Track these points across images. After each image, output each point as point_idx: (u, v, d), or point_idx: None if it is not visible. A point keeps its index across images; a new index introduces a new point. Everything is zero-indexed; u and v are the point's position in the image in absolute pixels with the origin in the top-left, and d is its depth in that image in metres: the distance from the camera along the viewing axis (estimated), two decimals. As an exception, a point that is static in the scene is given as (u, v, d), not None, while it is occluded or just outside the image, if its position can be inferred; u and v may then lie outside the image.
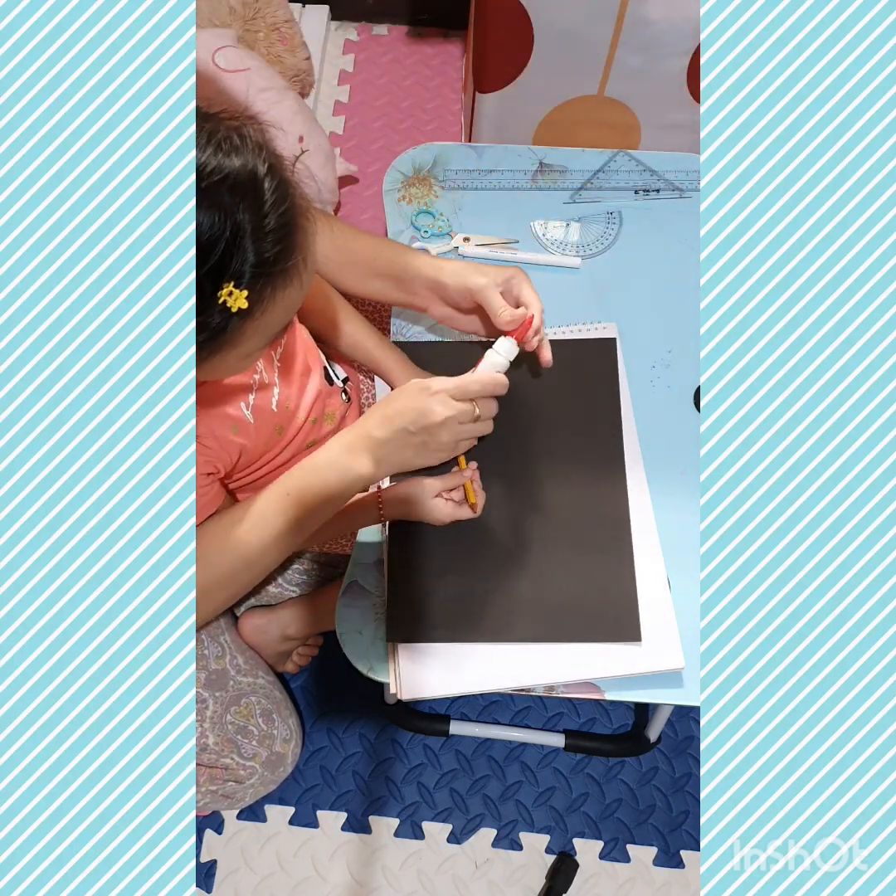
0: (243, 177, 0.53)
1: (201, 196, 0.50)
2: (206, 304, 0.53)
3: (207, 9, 1.47)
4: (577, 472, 0.82)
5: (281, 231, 0.55)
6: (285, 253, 0.56)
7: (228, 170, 0.52)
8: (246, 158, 0.53)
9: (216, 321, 0.54)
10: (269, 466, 0.83)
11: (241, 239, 0.53)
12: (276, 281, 0.57)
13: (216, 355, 0.58)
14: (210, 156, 0.52)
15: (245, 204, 0.53)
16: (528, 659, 0.76)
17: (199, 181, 0.50)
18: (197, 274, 0.50)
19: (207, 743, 1.00)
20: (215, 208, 0.51)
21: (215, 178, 0.51)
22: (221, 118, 0.55)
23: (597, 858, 1.20)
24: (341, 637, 0.79)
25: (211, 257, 0.52)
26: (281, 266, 0.56)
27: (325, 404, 0.87)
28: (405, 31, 1.82)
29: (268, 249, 0.54)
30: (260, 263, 0.54)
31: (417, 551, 0.79)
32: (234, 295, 0.54)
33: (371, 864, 1.19)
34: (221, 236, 0.52)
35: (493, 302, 0.78)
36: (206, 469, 0.74)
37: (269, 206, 0.54)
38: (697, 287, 0.93)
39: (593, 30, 1.18)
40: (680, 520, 0.81)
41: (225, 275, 0.53)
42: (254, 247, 0.54)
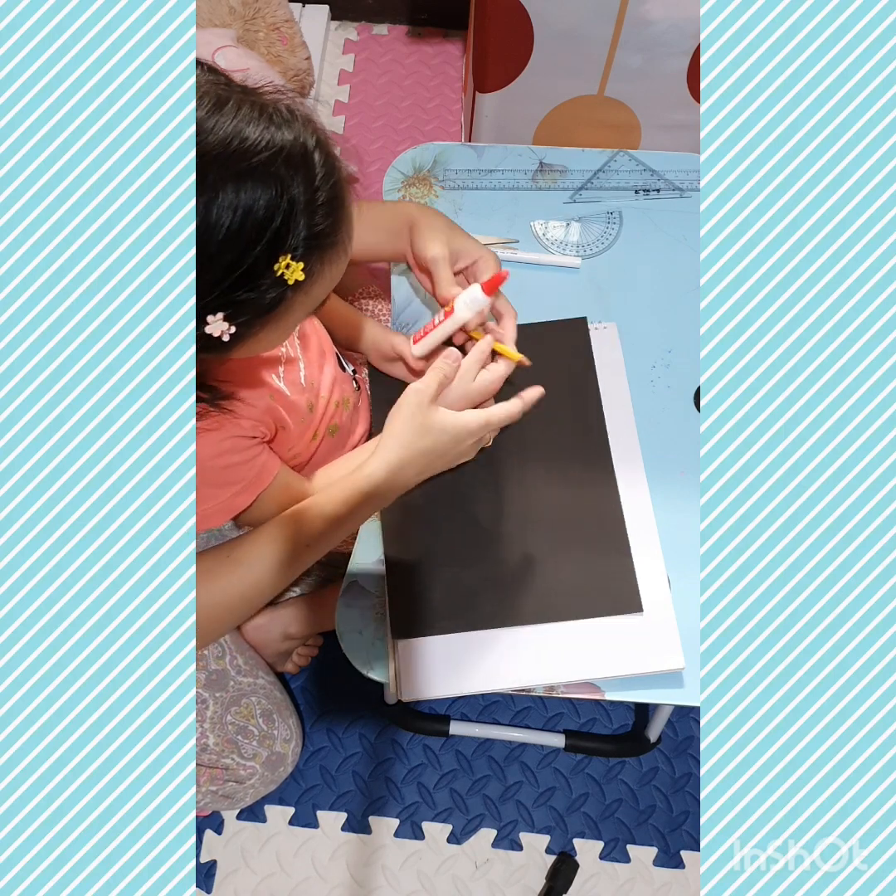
0: (296, 150, 0.54)
1: (257, 169, 0.51)
2: (261, 277, 0.54)
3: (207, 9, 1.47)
4: (563, 452, 0.83)
5: (331, 204, 0.56)
6: (335, 225, 0.57)
7: (282, 143, 0.53)
8: (297, 132, 0.54)
9: (271, 294, 0.55)
10: (305, 454, 0.84)
11: (296, 212, 0.54)
12: (326, 253, 0.58)
13: (265, 328, 0.59)
14: (263, 129, 0.52)
15: (299, 177, 0.54)
16: (528, 659, 0.76)
17: (253, 154, 0.51)
18: (254, 248, 0.52)
19: (208, 743, 1.00)
20: (272, 181, 0.52)
21: (270, 152, 0.52)
22: (267, 92, 0.56)
23: (597, 859, 1.20)
24: (341, 637, 0.79)
25: (267, 231, 0.53)
26: (332, 238, 0.58)
27: (341, 389, 0.88)
28: (405, 30, 1.82)
29: (320, 222, 0.56)
30: (314, 236, 0.55)
31: (413, 547, 0.80)
32: (291, 267, 0.55)
33: (371, 865, 1.19)
34: (278, 209, 0.53)
35: (440, 275, 0.79)
36: (252, 433, 0.73)
37: (320, 180, 0.55)
38: (697, 287, 0.93)
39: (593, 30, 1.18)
40: (680, 520, 0.81)
41: (281, 248, 0.54)
42: (308, 220, 0.55)
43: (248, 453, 0.73)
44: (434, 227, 0.82)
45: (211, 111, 0.51)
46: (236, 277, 0.53)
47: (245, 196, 0.51)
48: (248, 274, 0.53)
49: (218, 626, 0.74)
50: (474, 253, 0.81)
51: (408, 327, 0.91)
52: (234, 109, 0.52)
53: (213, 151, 0.50)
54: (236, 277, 0.53)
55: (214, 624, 0.73)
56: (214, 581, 0.71)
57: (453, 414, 0.73)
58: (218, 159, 0.50)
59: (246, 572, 0.72)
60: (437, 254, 0.79)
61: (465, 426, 0.73)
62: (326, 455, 0.88)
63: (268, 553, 0.72)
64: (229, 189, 0.51)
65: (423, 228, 0.82)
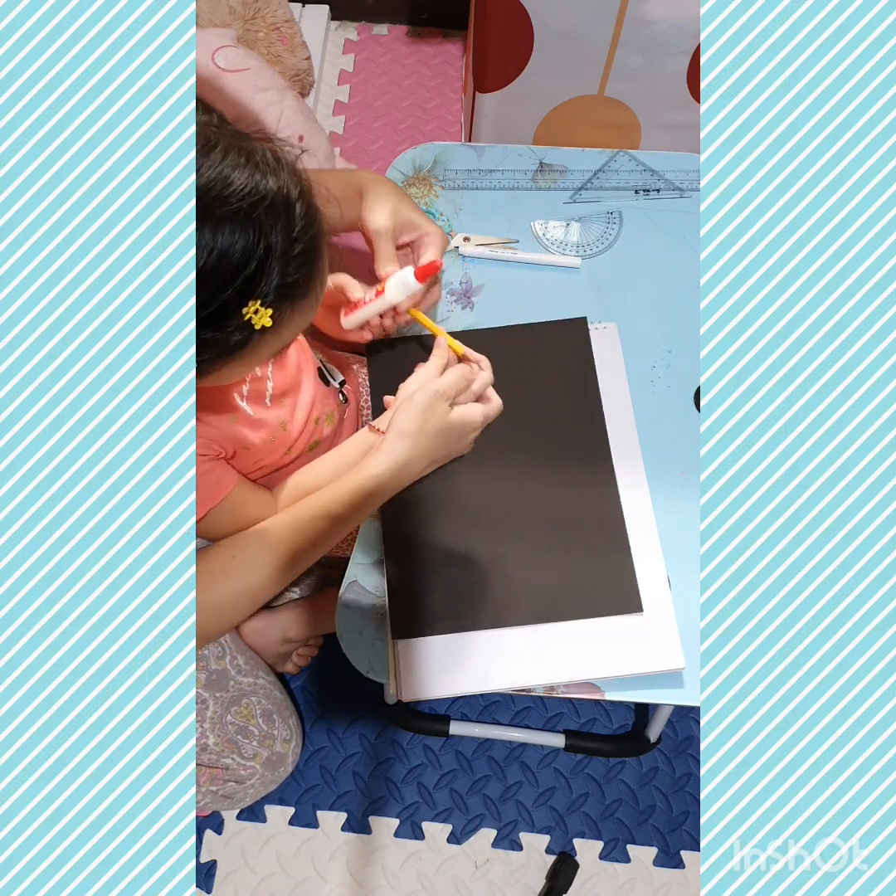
0: (279, 199, 0.54)
1: (237, 214, 0.51)
2: (228, 319, 0.54)
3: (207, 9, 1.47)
4: (563, 452, 0.83)
5: (308, 255, 0.56)
6: (309, 276, 0.58)
7: (265, 191, 0.53)
8: (282, 181, 0.54)
9: (237, 336, 0.56)
10: (274, 466, 0.84)
11: (272, 259, 0.54)
12: (297, 302, 0.58)
13: (228, 366, 0.59)
14: (249, 176, 0.52)
15: (279, 226, 0.54)
16: (528, 659, 0.76)
17: (235, 200, 0.51)
18: (225, 290, 0.51)
19: (208, 743, 1.00)
20: (250, 227, 0.52)
21: (253, 199, 0.52)
22: (256, 138, 0.56)
23: (597, 859, 1.20)
24: (341, 637, 0.79)
25: (241, 275, 0.53)
26: (303, 289, 0.58)
27: (323, 404, 0.87)
28: (405, 30, 1.82)
29: (294, 273, 0.56)
30: (286, 285, 0.55)
31: (413, 547, 0.80)
32: (259, 313, 0.55)
33: (371, 865, 1.19)
34: (254, 255, 0.53)
35: (380, 248, 0.80)
36: (203, 450, 0.73)
37: (298, 231, 0.55)
38: (697, 287, 0.93)
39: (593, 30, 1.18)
40: (680, 520, 0.81)
41: (252, 293, 0.54)
42: (282, 268, 0.55)
43: (199, 468, 0.72)
44: (382, 197, 0.80)
45: (198, 154, 0.51)
46: (204, 316, 0.52)
47: (222, 239, 0.51)
48: (217, 314, 0.53)
49: (222, 626, 0.74)
50: (421, 228, 0.81)
51: (408, 328, 0.91)
52: (221, 154, 0.52)
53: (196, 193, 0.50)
54: (204, 316, 0.52)
55: (219, 624, 0.73)
56: (222, 583, 0.71)
57: (461, 412, 0.76)
58: (199, 201, 0.50)
59: (252, 574, 0.72)
60: (380, 226, 0.79)
61: (472, 422, 0.76)
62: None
63: (275, 554, 0.72)
64: (207, 230, 0.50)
65: (372, 197, 0.80)
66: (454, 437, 0.76)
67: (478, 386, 0.77)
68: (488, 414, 0.78)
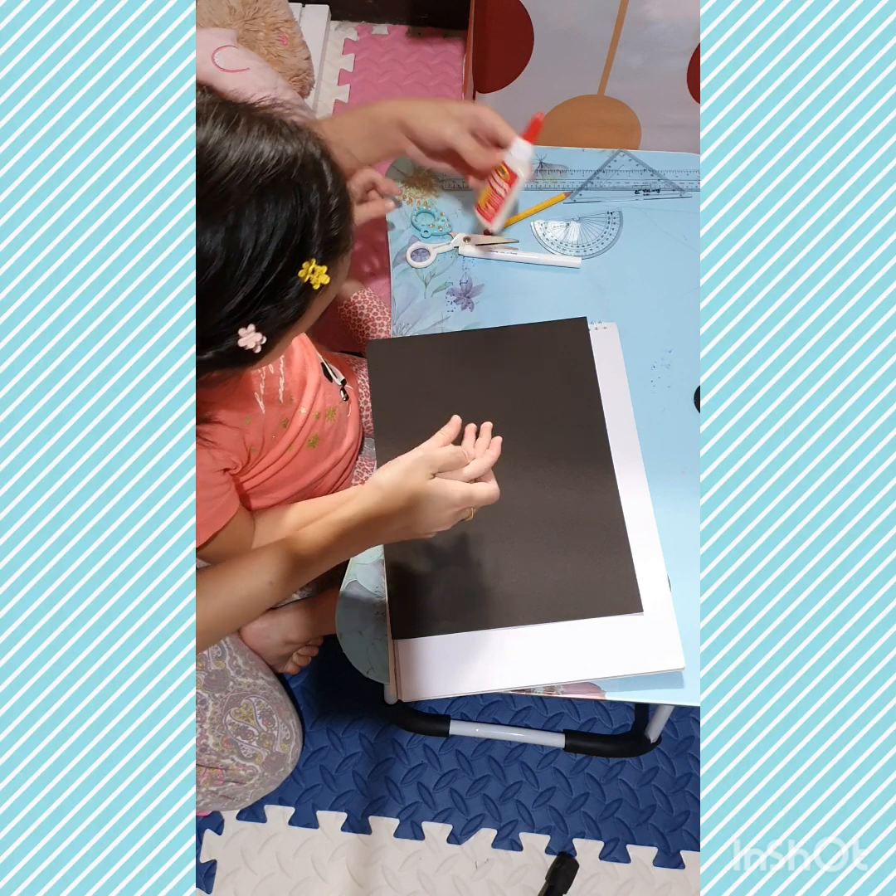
0: (308, 159, 0.56)
1: (276, 182, 0.53)
2: (289, 286, 0.56)
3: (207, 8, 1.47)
4: (563, 452, 0.83)
5: (343, 208, 0.58)
6: (347, 227, 0.59)
7: (293, 154, 0.54)
8: (303, 142, 0.56)
9: (298, 300, 0.57)
10: (275, 466, 0.83)
11: (315, 219, 0.56)
12: (340, 255, 0.60)
13: (286, 336, 0.60)
14: (275, 143, 0.54)
15: (314, 185, 0.56)
16: (528, 659, 0.76)
17: (271, 169, 0.53)
18: (281, 258, 0.53)
19: (207, 744, 1.00)
20: (291, 193, 0.54)
21: (286, 164, 0.54)
22: (265, 106, 0.57)
23: (597, 859, 1.20)
24: (341, 637, 0.79)
25: (292, 240, 0.54)
26: (345, 241, 0.60)
27: (325, 399, 0.87)
28: (405, 30, 1.82)
29: (336, 226, 0.57)
30: (331, 240, 0.57)
31: (413, 548, 0.80)
32: (316, 272, 0.56)
33: (371, 865, 1.19)
34: (300, 218, 0.54)
35: (468, 146, 0.83)
36: (224, 465, 0.73)
37: (331, 186, 0.57)
38: (697, 287, 0.93)
39: (593, 30, 1.18)
40: (680, 520, 0.81)
41: (305, 255, 0.56)
42: (325, 225, 0.56)
43: (214, 490, 0.73)
44: (429, 110, 0.84)
45: (225, 130, 0.52)
46: (266, 288, 0.54)
47: (269, 210, 0.53)
48: (277, 283, 0.55)
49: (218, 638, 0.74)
50: (472, 112, 0.84)
51: (408, 328, 0.91)
52: (245, 128, 0.53)
53: (233, 170, 0.52)
54: (266, 288, 0.54)
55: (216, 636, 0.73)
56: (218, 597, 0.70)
57: (439, 483, 0.69)
58: (239, 177, 0.51)
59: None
60: (454, 130, 0.82)
61: (447, 496, 0.69)
62: (305, 468, 0.87)
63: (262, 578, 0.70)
64: (253, 205, 0.52)
65: (420, 116, 0.84)
66: (429, 506, 0.69)
67: (470, 470, 0.72)
68: (473, 496, 0.70)
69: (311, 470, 0.89)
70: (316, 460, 0.89)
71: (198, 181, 0.49)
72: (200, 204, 0.49)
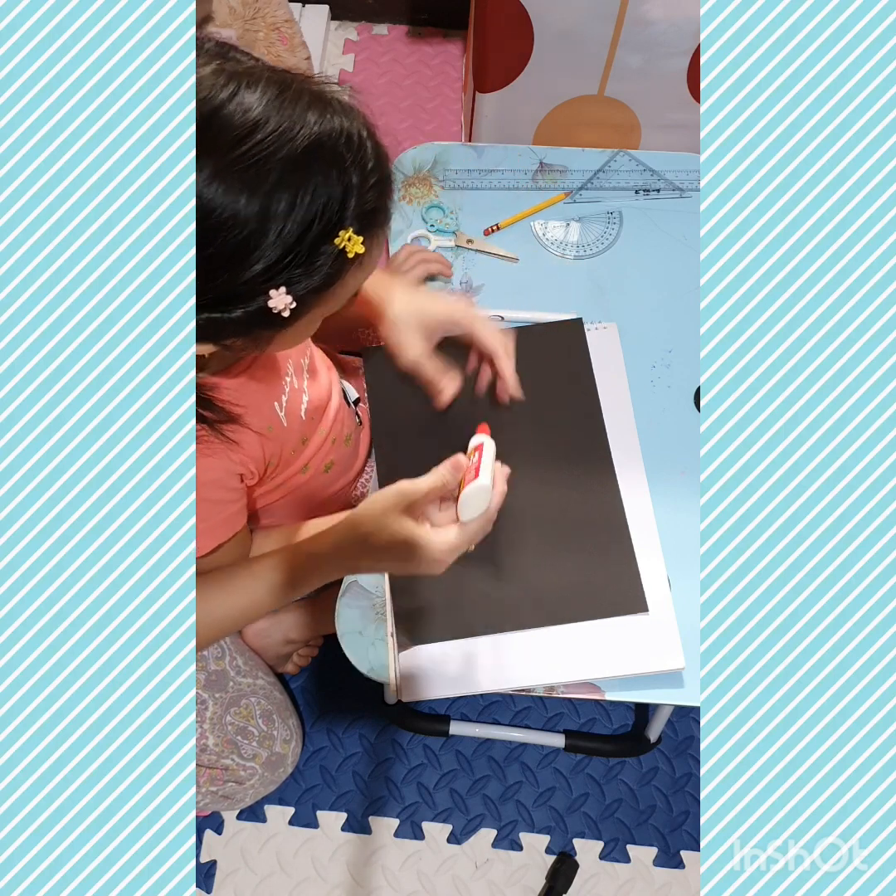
0: (352, 134, 0.57)
1: (316, 151, 0.54)
2: (323, 252, 0.56)
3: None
4: (562, 454, 0.83)
5: (384, 183, 0.60)
6: (386, 202, 0.61)
7: (339, 128, 0.56)
8: (351, 120, 0.57)
9: (330, 268, 0.57)
10: (288, 485, 0.83)
11: (355, 189, 0.57)
12: (376, 231, 0.60)
13: (318, 305, 0.60)
14: (322, 115, 0.55)
15: (356, 158, 0.57)
16: (528, 659, 0.76)
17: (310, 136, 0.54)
18: (318, 223, 0.55)
19: (207, 744, 1.00)
20: (332, 162, 0.55)
21: (329, 136, 0.55)
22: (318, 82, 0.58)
23: (597, 859, 1.20)
24: (341, 637, 0.79)
25: (328, 207, 0.55)
26: (383, 216, 0.61)
27: (344, 425, 0.87)
28: (405, 30, 1.82)
29: (374, 199, 0.58)
30: (370, 212, 0.58)
31: None
32: (352, 240, 0.57)
33: (371, 865, 1.19)
34: (340, 187, 0.56)
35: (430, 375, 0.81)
36: (240, 469, 0.72)
37: (373, 160, 0.58)
38: (697, 287, 0.93)
39: (593, 30, 1.18)
40: (680, 520, 0.81)
41: (341, 224, 0.56)
42: (362, 198, 0.57)
43: (226, 494, 0.72)
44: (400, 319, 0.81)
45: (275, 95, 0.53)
46: (299, 252, 0.55)
47: (307, 176, 0.54)
48: (311, 248, 0.55)
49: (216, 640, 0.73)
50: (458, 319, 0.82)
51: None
52: (295, 96, 0.54)
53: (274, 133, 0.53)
54: (299, 252, 0.55)
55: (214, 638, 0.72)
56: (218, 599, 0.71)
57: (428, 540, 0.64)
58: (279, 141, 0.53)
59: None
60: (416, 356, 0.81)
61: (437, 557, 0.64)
62: (319, 489, 0.88)
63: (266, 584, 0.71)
64: (292, 169, 0.53)
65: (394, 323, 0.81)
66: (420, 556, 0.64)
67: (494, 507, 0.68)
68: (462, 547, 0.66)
69: (320, 493, 0.89)
70: (329, 484, 0.89)
71: (237, 143, 0.51)
72: (238, 165, 0.51)
